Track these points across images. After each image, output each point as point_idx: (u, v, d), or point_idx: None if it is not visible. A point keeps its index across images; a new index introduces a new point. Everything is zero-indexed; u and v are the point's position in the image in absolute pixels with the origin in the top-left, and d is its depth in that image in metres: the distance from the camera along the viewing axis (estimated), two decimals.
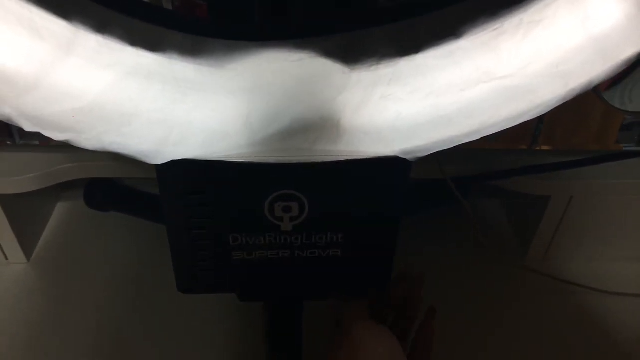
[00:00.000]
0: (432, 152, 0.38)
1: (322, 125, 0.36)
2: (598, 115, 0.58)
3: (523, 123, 0.36)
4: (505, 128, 0.37)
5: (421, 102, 0.35)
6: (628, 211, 0.64)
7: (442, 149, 0.38)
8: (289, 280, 0.46)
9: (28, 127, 0.34)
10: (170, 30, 0.32)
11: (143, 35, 0.32)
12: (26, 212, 0.66)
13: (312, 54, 0.33)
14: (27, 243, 0.66)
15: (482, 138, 0.37)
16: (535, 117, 0.36)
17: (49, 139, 0.34)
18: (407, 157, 0.38)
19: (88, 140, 0.35)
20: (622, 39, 0.33)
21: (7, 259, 0.65)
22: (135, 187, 0.70)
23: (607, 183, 0.61)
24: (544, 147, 0.60)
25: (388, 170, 0.39)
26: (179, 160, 0.36)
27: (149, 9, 0.33)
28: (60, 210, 0.73)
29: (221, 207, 0.40)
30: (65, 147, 0.53)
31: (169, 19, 0.32)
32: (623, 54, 0.34)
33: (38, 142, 0.61)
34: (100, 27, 0.31)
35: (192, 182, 0.38)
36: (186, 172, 0.37)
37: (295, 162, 0.38)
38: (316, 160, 0.38)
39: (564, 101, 0.35)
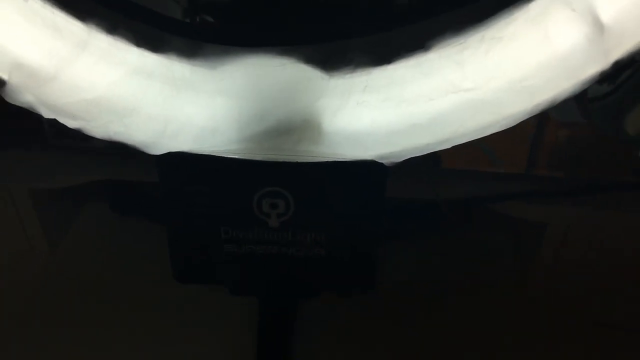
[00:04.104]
0: (407, 158, 0.41)
1: (304, 126, 0.40)
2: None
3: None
4: (475, 138, 0.39)
5: (393, 109, 0.38)
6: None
7: (415, 155, 0.40)
8: (275, 277, 0.49)
9: (46, 114, 0.39)
10: (170, 34, 0.37)
11: (147, 37, 0.37)
12: (54, 207, 0.71)
13: (294, 60, 0.37)
14: (51, 236, 0.71)
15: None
16: (503, 129, 0.38)
17: (78, 142, 0.39)
18: (384, 161, 0.41)
19: (96, 128, 0.39)
20: (583, 58, 0.35)
21: (31, 247, 0.70)
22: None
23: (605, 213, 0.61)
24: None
25: (365, 174, 0.41)
26: (174, 152, 0.41)
27: (153, 15, 0.38)
28: (87, 210, 0.78)
29: (213, 200, 0.44)
30: (93, 150, 0.60)
31: (170, 24, 0.37)
32: (585, 73, 0.36)
33: (70, 144, 0.66)
34: (111, 29, 0.36)
35: (186, 173, 0.42)
36: (180, 163, 0.41)
37: (280, 160, 0.41)
38: (299, 160, 0.41)
39: (531, 115, 0.38)
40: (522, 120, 0.38)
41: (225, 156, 0.41)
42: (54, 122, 0.40)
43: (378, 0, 0.37)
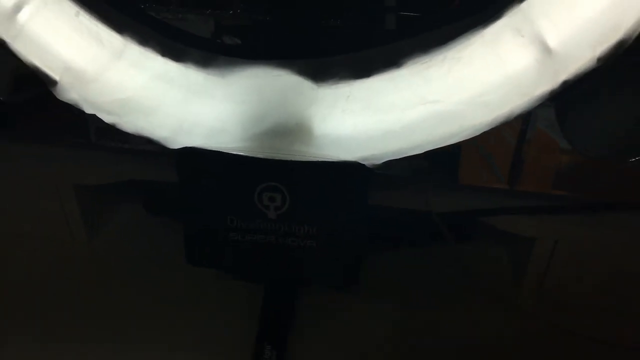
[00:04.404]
0: (386, 160, 0.47)
1: (297, 129, 0.46)
2: None
3: None
4: (444, 145, 0.45)
5: (371, 117, 0.45)
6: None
7: (394, 158, 0.46)
8: (273, 264, 0.55)
9: (87, 110, 0.47)
10: (189, 47, 0.45)
11: (171, 49, 0.45)
12: (95, 202, 0.80)
13: (289, 72, 0.44)
14: (91, 228, 0.80)
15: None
16: (467, 138, 0.44)
17: (117, 143, 0.47)
18: (366, 162, 0.47)
19: (126, 124, 0.48)
20: (534, 78, 0.41)
21: (72, 237, 0.79)
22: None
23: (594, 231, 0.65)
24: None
25: (350, 173, 0.48)
26: (189, 147, 0.48)
27: (176, 31, 0.46)
28: (122, 206, 0.87)
29: (220, 190, 0.51)
30: (128, 151, 0.68)
31: (190, 39, 0.45)
32: (537, 91, 0.41)
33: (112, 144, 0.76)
34: (143, 41, 0.45)
35: (198, 165, 0.50)
36: (194, 156, 0.49)
37: (277, 158, 0.48)
38: (293, 159, 0.48)
39: (491, 127, 0.43)
40: (483, 131, 0.44)
41: (231, 152, 0.48)
42: (97, 125, 0.49)
43: (359, 23, 0.44)
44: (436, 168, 0.63)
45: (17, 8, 0.44)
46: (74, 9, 0.43)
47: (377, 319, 0.68)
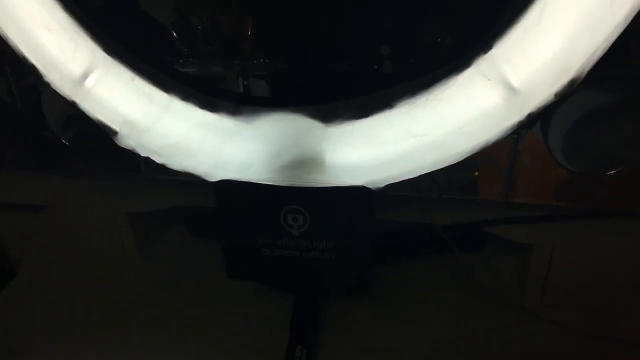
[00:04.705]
0: (387, 184, 0.56)
1: (312, 162, 0.56)
2: None
3: None
4: (434, 169, 0.54)
5: (372, 149, 0.54)
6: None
7: (393, 182, 0.55)
8: (299, 275, 0.65)
9: (142, 153, 0.58)
10: (221, 100, 0.55)
11: (207, 102, 0.55)
12: (146, 227, 0.92)
13: (302, 116, 0.54)
14: (143, 250, 0.92)
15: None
16: (453, 163, 0.53)
17: (164, 175, 0.58)
18: (371, 186, 0.56)
19: (173, 163, 0.58)
20: (503, 112, 0.50)
21: (126, 258, 0.91)
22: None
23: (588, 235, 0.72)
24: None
25: (357, 195, 0.57)
26: (225, 179, 0.59)
27: (210, 87, 0.56)
28: (171, 231, 0.98)
29: (252, 214, 0.61)
30: (174, 182, 0.79)
31: (222, 93, 0.55)
32: (506, 123, 0.50)
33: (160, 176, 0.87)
34: (184, 97, 0.55)
35: (233, 194, 0.60)
36: (229, 187, 0.59)
37: (297, 185, 0.58)
38: (311, 186, 0.57)
39: (472, 153, 0.52)
40: (466, 157, 0.52)
41: (259, 182, 0.58)
42: (147, 160, 0.60)
43: (357, 75, 0.54)
44: (445, 184, 0.72)
45: (85, 75, 0.56)
46: (130, 75, 0.55)
47: (394, 320, 0.77)
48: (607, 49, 0.46)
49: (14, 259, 0.92)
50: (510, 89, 0.49)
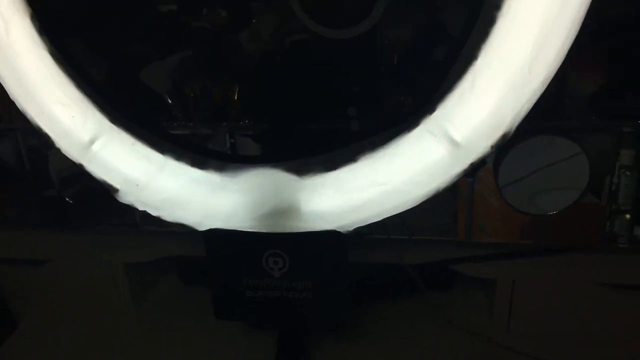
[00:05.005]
0: (355, 227, 0.64)
1: (289, 210, 0.64)
2: None
3: None
4: (396, 213, 0.62)
5: (340, 198, 0.62)
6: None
7: (362, 225, 0.63)
8: (281, 314, 0.71)
9: (140, 208, 0.66)
10: (210, 159, 0.64)
11: (197, 161, 0.64)
12: (140, 276, 0.98)
13: (279, 170, 0.62)
14: (136, 297, 0.98)
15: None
16: (408, 208, 0.61)
17: (157, 227, 0.65)
18: (341, 230, 0.64)
19: (167, 215, 0.66)
20: (448, 163, 0.58)
21: (122, 304, 0.96)
22: None
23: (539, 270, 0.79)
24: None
25: (331, 238, 0.65)
26: (213, 228, 0.66)
27: (199, 148, 0.65)
28: (164, 279, 1.05)
29: (237, 259, 0.69)
30: (168, 232, 0.86)
31: (210, 153, 0.64)
32: (453, 172, 0.59)
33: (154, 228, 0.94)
34: (178, 157, 0.64)
35: (220, 242, 0.67)
36: (217, 236, 0.67)
37: (277, 231, 0.65)
38: (289, 231, 0.65)
39: (426, 198, 0.60)
40: (420, 202, 0.61)
41: (243, 230, 0.66)
42: (142, 214, 0.68)
43: (328, 134, 0.63)
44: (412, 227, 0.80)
45: (92, 141, 0.64)
46: (131, 140, 0.63)
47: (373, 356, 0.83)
48: (530, 108, 0.55)
49: (16, 312, 0.97)
50: (454, 143, 0.58)
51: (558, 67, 0.52)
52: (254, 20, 0.74)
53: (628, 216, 0.81)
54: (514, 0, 0.50)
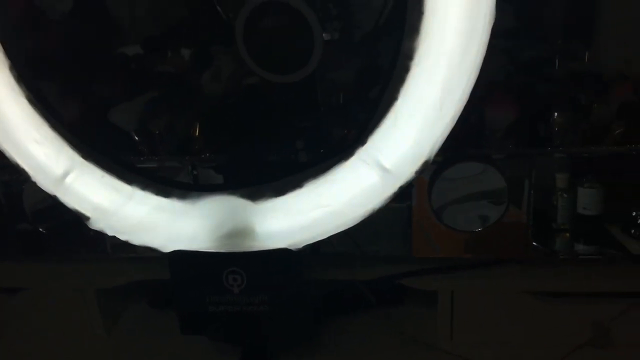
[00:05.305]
0: (305, 244, 0.72)
1: (245, 232, 0.72)
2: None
3: None
4: (338, 231, 0.71)
5: (289, 219, 0.71)
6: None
7: (310, 243, 0.72)
8: (241, 327, 0.79)
9: (110, 233, 0.73)
10: (173, 188, 0.72)
11: (161, 191, 0.72)
12: (109, 300, 1.04)
13: (235, 196, 0.71)
14: (108, 322, 1.03)
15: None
16: (348, 227, 0.70)
17: (127, 253, 0.73)
18: (293, 247, 0.72)
19: (135, 239, 0.73)
20: (380, 187, 0.68)
21: (92, 331, 1.02)
22: None
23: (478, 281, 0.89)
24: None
25: (283, 255, 0.73)
26: (176, 250, 0.74)
27: (163, 179, 0.73)
28: (133, 305, 1.10)
29: (200, 278, 0.76)
30: (135, 259, 0.92)
31: (174, 185, 0.72)
32: (384, 195, 0.68)
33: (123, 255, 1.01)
34: (144, 187, 0.72)
35: (183, 262, 0.75)
36: (180, 256, 0.74)
37: (234, 251, 0.73)
38: (246, 250, 0.73)
39: (363, 219, 0.69)
40: (359, 221, 0.70)
41: (203, 251, 0.74)
42: (112, 242, 0.75)
43: (277, 164, 0.72)
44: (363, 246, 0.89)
45: (65, 175, 0.72)
46: (100, 173, 0.71)
47: None
48: (444, 139, 0.65)
49: None
50: (384, 170, 0.67)
51: (464, 104, 0.63)
52: (213, 64, 0.83)
53: (567, 234, 0.91)
54: (424, 51, 0.60)
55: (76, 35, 0.85)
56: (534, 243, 0.90)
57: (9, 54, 0.68)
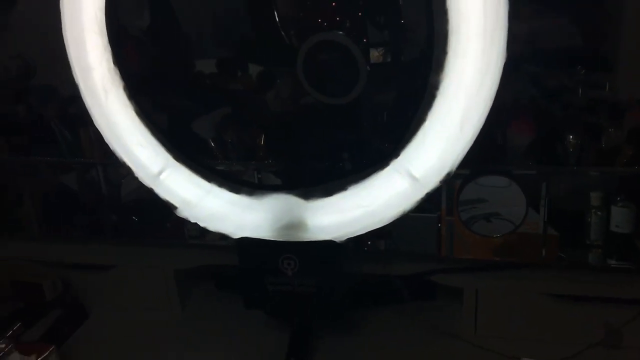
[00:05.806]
0: (348, 237, 0.87)
1: (298, 225, 0.89)
2: None
3: None
4: (375, 228, 0.85)
5: (335, 216, 0.86)
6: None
7: (352, 236, 0.87)
8: (293, 304, 0.95)
9: (192, 220, 0.92)
10: (243, 187, 0.89)
11: (234, 188, 0.90)
12: (187, 281, 1.23)
13: (291, 195, 0.87)
14: (183, 301, 1.21)
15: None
16: (384, 224, 0.85)
17: (201, 240, 0.92)
18: (337, 240, 0.88)
19: (211, 226, 0.91)
20: (410, 193, 0.82)
21: (169, 304, 1.20)
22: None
23: (501, 282, 1.01)
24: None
25: (329, 246, 0.88)
26: (243, 237, 0.91)
27: (236, 179, 0.91)
28: (204, 286, 1.28)
29: (261, 262, 0.93)
30: (209, 245, 1.11)
31: (243, 184, 0.90)
32: (414, 199, 0.82)
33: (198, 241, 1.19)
34: (219, 185, 0.90)
35: (248, 247, 0.92)
36: (245, 243, 0.91)
37: (290, 240, 0.90)
38: (299, 240, 0.89)
39: (396, 218, 0.84)
40: (394, 220, 0.84)
41: (265, 239, 0.90)
42: (190, 229, 0.93)
43: (327, 170, 0.88)
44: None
45: (160, 172, 0.91)
46: (187, 172, 0.90)
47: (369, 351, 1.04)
48: (465, 154, 0.79)
49: (89, 305, 1.23)
50: (414, 179, 0.82)
51: (481, 127, 0.76)
52: (276, 84, 1.01)
53: (600, 250, 0.95)
54: (447, 83, 0.74)
55: (162, 57, 1.04)
56: (560, 254, 0.99)
57: (123, 77, 0.88)
